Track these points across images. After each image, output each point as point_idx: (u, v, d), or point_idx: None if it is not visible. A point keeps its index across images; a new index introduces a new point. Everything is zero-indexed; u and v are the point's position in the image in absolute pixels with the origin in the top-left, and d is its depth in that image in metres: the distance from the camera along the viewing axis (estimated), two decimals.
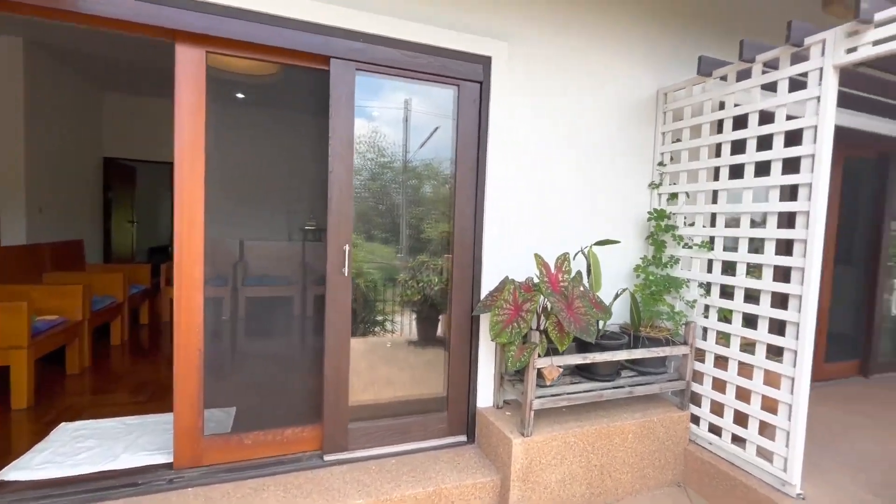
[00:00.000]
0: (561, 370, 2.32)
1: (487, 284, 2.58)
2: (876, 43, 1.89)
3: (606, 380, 2.53)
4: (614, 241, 2.61)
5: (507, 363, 2.22)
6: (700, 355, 2.68)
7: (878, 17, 1.86)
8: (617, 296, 2.72)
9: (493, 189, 2.57)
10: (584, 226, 2.87)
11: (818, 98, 2.08)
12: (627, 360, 2.66)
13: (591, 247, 2.65)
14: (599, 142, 2.87)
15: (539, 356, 2.26)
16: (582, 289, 2.38)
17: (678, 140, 2.89)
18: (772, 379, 2.31)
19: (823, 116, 2.06)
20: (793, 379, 2.17)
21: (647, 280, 2.83)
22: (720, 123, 2.57)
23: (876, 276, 4.17)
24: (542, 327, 2.38)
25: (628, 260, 3.01)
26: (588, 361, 2.40)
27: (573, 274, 2.45)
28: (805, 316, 2.12)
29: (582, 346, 2.48)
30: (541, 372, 2.29)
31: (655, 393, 2.62)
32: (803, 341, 2.13)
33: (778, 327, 2.27)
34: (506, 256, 2.64)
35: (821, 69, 2.07)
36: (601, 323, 2.53)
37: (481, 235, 2.58)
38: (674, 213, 2.87)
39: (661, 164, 2.96)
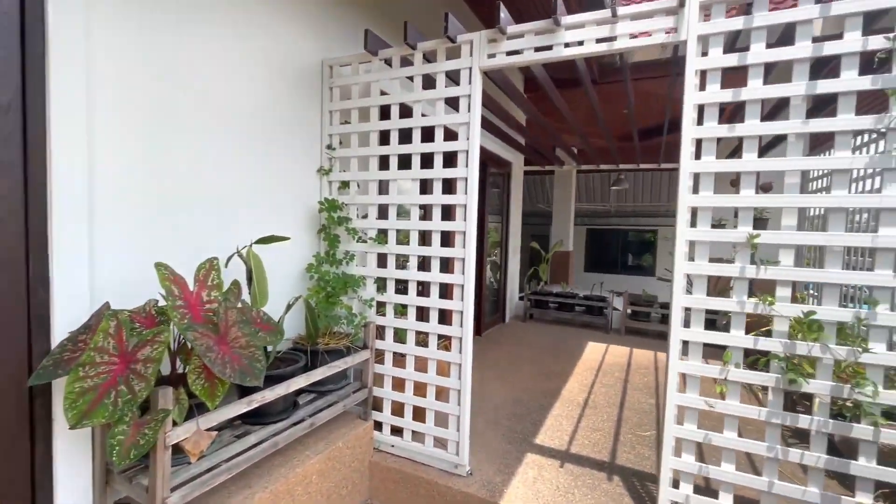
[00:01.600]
0: (216, 433, 1.56)
1: (67, 321, 1.48)
2: (509, 53, 2.10)
3: (282, 418, 1.95)
4: (282, 238, 2.03)
5: (114, 457, 1.27)
6: (380, 356, 2.51)
7: (510, 30, 2.07)
8: (289, 307, 2.16)
9: (67, 157, 1.46)
10: (241, 220, 2.15)
11: (469, 96, 2.18)
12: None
13: (250, 246, 1.97)
14: (256, 113, 2.19)
15: (175, 424, 1.43)
16: (240, 308, 1.69)
17: (347, 122, 2.59)
18: (442, 368, 2.37)
19: (474, 114, 2.18)
20: (460, 365, 2.26)
21: (321, 281, 2.41)
22: (388, 109, 2.42)
23: (482, 257, 5.40)
24: (179, 371, 1.54)
25: (299, 259, 2.51)
26: (255, 405, 1.75)
27: (226, 288, 1.72)
28: (467, 303, 2.23)
29: (245, 386, 1.79)
30: (180, 447, 1.46)
31: (339, 412, 2.26)
32: (466, 328, 2.24)
33: (442, 317, 2.34)
34: (110, 271, 1.60)
35: (470, 69, 2.17)
36: (270, 347, 1.91)
37: (46, 237, 1.44)
38: (346, 204, 2.57)
39: (329, 147, 2.59)
